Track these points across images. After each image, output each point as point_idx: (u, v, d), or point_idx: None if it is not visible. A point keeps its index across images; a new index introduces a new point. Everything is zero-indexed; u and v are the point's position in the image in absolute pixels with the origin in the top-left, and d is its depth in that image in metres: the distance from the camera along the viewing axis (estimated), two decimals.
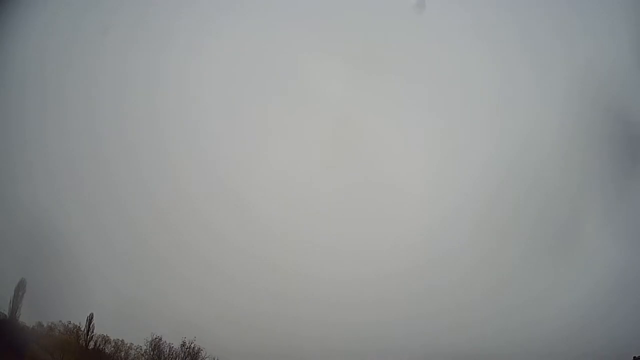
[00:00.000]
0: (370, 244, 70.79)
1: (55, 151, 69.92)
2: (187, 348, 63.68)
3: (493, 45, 75.61)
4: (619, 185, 68.95)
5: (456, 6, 76.55)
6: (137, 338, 64.95)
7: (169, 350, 64.15)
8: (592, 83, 69.56)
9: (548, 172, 72.15)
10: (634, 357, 60.26)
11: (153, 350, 63.72)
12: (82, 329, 64.74)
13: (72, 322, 64.98)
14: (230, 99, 76.93)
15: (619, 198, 68.54)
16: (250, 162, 76.07)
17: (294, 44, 77.20)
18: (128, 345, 65.69)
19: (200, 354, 64.40)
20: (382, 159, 75.91)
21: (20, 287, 63.46)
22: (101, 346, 65.42)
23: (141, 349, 64.80)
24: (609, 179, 69.43)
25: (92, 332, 64.78)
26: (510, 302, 66.45)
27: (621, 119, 69.48)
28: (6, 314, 62.93)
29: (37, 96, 70.29)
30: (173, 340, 63.98)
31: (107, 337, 65.24)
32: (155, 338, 63.87)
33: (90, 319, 64.49)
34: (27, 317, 63.87)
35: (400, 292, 67.34)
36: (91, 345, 65.10)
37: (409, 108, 76.80)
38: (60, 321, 65.60)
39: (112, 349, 65.66)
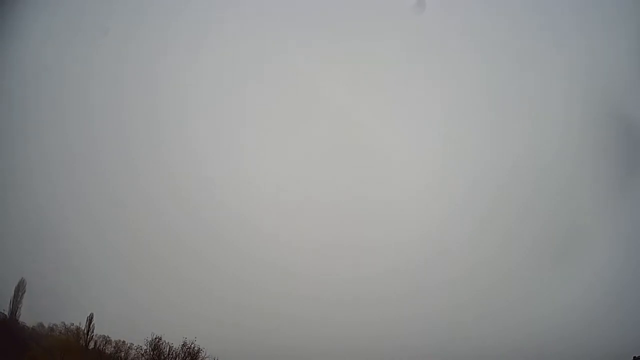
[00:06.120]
0: (372, 243, 71.08)
1: (56, 153, 70.33)
2: (187, 348, 63.55)
3: (498, 49, 76.06)
4: (620, 186, 69.23)
5: (459, 10, 76.87)
6: (137, 338, 65.01)
7: (169, 350, 64.04)
8: (595, 85, 69.92)
9: (550, 173, 72.47)
10: (634, 357, 60.28)
11: (153, 350, 63.56)
12: (83, 329, 64.59)
13: (72, 322, 65.11)
14: (231, 102, 77.28)
15: (620, 199, 68.81)
16: (250, 163, 76.46)
17: (294, 47, 77.48)
18: (128, 345, 65.59)
19: (200, 354, 64.23)
20: (384, 159, 76.17)
21: (20, 287, 63.60)
22: (101, 346, 65.30)
23: (141, 349, 64.70)
24: (610, 180, 69.76)
25: (92, 332, 64.74)
26: (510, 302, 66.77)
27: (623, 120, 69.79)
28: (6, 314, 62.97)
29: (36, 97, 70.64)
30: (173, 340, 63.95)
31: (109, 337, 65.22)
32: (155, 338, 63.74)
33: (90, 319, 64.37)
34: (27, 318, 64.23)
35: (401, 291, 67.65)
36: (91, 345, 64.95)
37: (413, 111, 77.21)
38: (62, 322, 65.83)
39: (113, 349, 65.53)
